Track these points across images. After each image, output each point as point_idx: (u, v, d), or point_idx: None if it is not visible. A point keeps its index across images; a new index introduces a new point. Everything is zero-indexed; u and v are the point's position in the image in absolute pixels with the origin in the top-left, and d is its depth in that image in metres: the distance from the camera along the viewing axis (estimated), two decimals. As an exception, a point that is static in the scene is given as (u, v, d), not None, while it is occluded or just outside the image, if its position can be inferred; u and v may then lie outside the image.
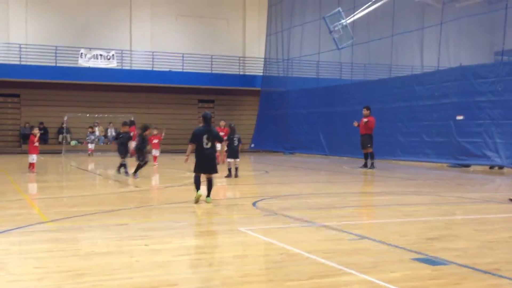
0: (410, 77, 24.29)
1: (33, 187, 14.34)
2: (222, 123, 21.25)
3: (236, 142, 16.36)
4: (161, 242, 6.77)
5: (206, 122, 10.62)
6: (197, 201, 10.25)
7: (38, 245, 6.56)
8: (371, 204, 11.84)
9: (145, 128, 16.26)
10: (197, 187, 10.40)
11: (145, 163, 15.94)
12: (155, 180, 16.34)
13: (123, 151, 16.42)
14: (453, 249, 6.39)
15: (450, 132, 20.82)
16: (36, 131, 18.18)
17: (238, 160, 16.36)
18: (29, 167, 17.63)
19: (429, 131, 21.95)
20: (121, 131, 17.17)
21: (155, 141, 20.77)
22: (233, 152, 16.30)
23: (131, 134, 17.25)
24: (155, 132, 20.76)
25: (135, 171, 15.65)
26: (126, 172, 16.16)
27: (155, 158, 20.85)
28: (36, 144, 17.69)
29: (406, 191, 13.01)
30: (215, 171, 10.63)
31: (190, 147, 10.56)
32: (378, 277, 5.07)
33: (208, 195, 10.45)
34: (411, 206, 10.49)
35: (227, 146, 16.78)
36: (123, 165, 16.38)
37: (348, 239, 7.03)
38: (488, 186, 15.59)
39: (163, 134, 21.25)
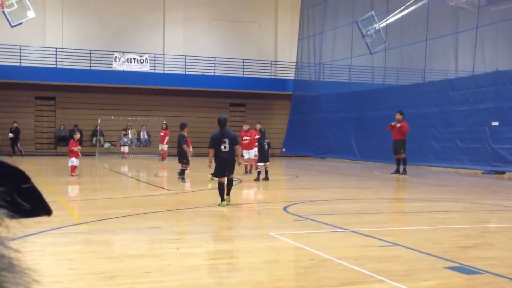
0: (444, 82, 23.96)
1: (67, 189, 14.57)
2: (246, 127, 20.27)
3: (266, 146, 16.46)
4: (192, 246, 6.81)
5: (221, 126, 10.68)
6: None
7: (72, 247, 6.67)
8: (403, 210, 11.71)
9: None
10: (222, 197, 10.52)
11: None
12: (186, 183, 16.44)
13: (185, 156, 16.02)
14: (488, 258, 6.27)
15: (485, 138, 20.46)
16: (78, 136, 17.90)
17: (268, 163, 16.49)
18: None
19: (463, 137, 21.61)
20: (185, 134, 16.43)
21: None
22: (264, 156, 16.40)
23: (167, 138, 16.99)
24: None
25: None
26: (183, 178, 15.98)
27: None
28: (74, 149, 17.20)
29: (439, 198, 12.82)
30: (232, 173, 10.80)
31: (212, 152, 10.66)
32: (411, 286, 5.01)
33: (228, 194, 10.61)
34: (444, 213, 10.34)
35: (258, 151, 16.83)
36: (183, 170, 16.07)
37: (380, 245, 6.96)
38: (524, 194, 15.25)
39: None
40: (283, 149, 34.16)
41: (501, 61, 22.73)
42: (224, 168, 10.57)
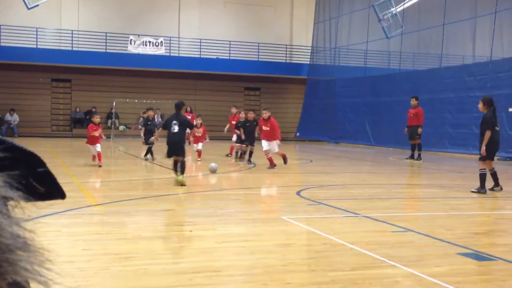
0: (461, 67, 23.70)
1: (82, 171, 14.69)
2: (266, 114, 19.78)
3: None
4: (205, 229, 6.86)
5: (177, 110, 11.69)
6: (180, 184, 10.80)
7: (87, 228, 6.75)
8: (416, 196, 11.68)
9: None
10: (176, 171, 11.09)
11: None
12: (199, 166, 16.50)
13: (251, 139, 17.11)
14: (501, 245, 6.26)
15: (501, 124, 20.22)
16: (98, 119, 15.19)
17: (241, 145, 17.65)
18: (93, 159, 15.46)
19: (479, 123, 21.34)
20: (249, 118, 17.48)
21: (198, 134, 17.61)
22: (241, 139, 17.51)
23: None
24: (199, 121, 18.18)
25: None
26: (249, 160, 16.77)
27: (199, 153, 17.92)
28: (96, 133, 14.71)
29: (453, 184, 12.76)
30: (183, 155, 11.23)
31: (160, 131, 12.00)
32: (422, 271, 5.02)
33: (182, 173, 11.00)
34: (458, 200, 10.30)
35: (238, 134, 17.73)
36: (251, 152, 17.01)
37: (392, 231, 6.96)
38: (539, 181, 15.11)
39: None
40: (297, 134, 34.13)
41: (519, 46, 22.43)
42: (173, 148, 11.18)
